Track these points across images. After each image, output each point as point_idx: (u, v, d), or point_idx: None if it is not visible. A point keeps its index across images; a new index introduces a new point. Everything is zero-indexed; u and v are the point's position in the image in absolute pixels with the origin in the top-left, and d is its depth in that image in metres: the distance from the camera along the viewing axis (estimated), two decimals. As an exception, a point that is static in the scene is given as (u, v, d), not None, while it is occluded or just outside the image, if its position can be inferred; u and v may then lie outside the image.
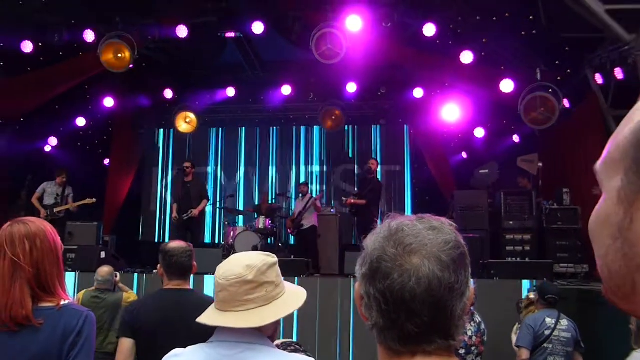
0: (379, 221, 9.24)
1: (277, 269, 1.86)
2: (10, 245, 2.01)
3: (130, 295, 6.12)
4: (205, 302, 2.10)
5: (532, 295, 5.62)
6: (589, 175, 7.96)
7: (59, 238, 2.17)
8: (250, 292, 1.76)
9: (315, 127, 12.35)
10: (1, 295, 1.97)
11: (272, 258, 1.87)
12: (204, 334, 1.81)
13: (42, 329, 1.95)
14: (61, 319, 1.98)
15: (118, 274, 6.26)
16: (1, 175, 10.37)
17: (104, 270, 5.88)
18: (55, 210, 9.15)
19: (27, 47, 8.86)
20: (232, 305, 1.76)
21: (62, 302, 2.02)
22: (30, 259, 2.00)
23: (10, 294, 1.95)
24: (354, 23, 8.66)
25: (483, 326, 5.11)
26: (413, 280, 0.91)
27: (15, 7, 8.20)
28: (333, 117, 11.46)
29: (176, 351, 1.82)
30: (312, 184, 12.06)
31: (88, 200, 9.35)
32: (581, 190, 8.04)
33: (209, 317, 1.79)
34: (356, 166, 12.28)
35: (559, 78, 8.72)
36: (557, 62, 8.82)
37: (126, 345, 2.96)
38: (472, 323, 5.03)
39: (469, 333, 4.97)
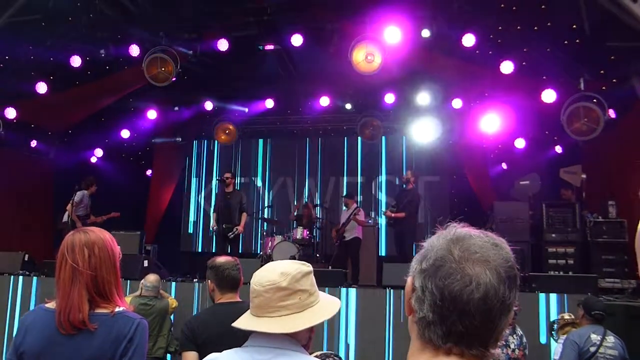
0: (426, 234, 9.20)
1: (312, 277, 1.88)
2: (70, 252, 2.13)
3: (172, 302, 6.27)
4: None
5: (567, 316, 5.46)
6: (636, 186, 7.72)
7: (117, 246, 2.26)
8: (284, 298, 1.79)
9: (353, 137, 12.38)
10: (61, 299, 2.07)
11: (307, 267, 1.90)
12: None
13: (96, 334, 2.03)
14: (114, 325, 2.06)
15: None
16: (49, 185, 10.76)
17: (152, 277, 6.08)
18: (88, 222, 9.44)
19: (76, 61, 9.19)
20: (266, 310, 1.79)
21: (117, 309, 2.10)
22: (88, 265, 2.10)
23: (69, 298, 2.05)
24: (392, 34, 8.68)
25: (525, 340, 5.00)
26: (474, 284, 0.98)
27: (64, 23, 8.53)
28: (371, 128, 11.47)
29: (212, 355, 1.88)
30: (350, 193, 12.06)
31: (113, 214, 9.74)
32: (628, 202, 7.80)
33: (244, 322, 1.83)
34: (394, 177, 12.24)
35: (603, 88, 8.50)
36: (601, 72, 8.61)
37: (191, 357, 3.09)
38: (515, 336, 4.94)
39: (512, 346, 4.87)
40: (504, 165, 11.10)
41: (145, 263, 8.15)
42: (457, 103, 10.71)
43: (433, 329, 1.01)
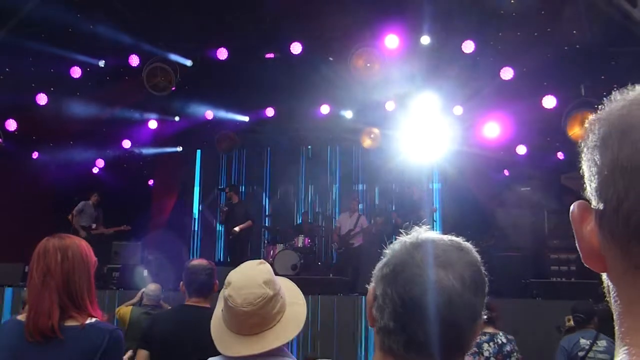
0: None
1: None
2: (43, 255, 2.08)
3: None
4: None
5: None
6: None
7: (92, 254, 2.22)
8: (274, 305, 1.77)
9: (354, 145, 12.34)
10: (30, 305, 2.02)
11: (266, 263, 1.87)
12: (214, 352, 1.82)
13: (65, 346, 1.97)
14: (85, 338, 1.99)
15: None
16: (50, 197, 10.76)
17: (153, 287, 6.08)
18: (92, 232, 9.42)
19: (76, 72, 9.22)
20: (265, 325, 1.74)
21: (88, 321, 2.04)
22: (60, 268, 2.05)
23: (38, 304, 1.99)
24: (391, 41, 8.69)
25: (510, 348, 4.81)
26: (435, 289, 0.92)
27: (64, 34, 8.56)
28: (372, 136, 11.44)
29: None
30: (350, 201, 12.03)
31: (124, 227, 9.70)
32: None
33: (243, 348, 1.74)
34: (395, 184, 12.20)
35: (604, 93, 8.42)
36: (602, 77, 8.58)
37: (141, 356, 3.00)
38: (492, 344, 4.79)
39: (486, 354, 4.72)
40: (506, 172, 11.04)
41: (145, 273, 8.13)
42: (457, 110, 10.68)
43: (394, 338, 0.96)
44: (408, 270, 0.95)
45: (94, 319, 2.06)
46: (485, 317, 1.00)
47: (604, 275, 0.66)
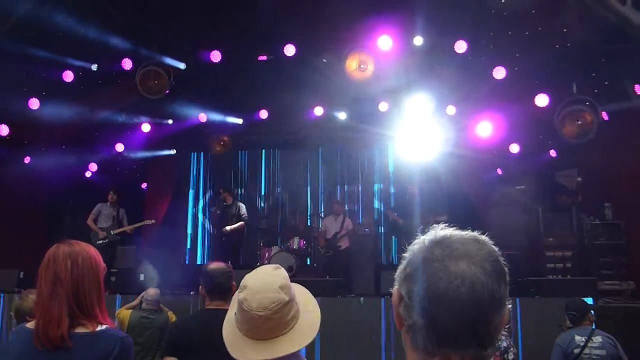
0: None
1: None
2: (53, 263, 2.07)
3: (172, 316, 6.25)
4: None
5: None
6: (631, 188, 7.73)
7: (102, 261, 2.21)
8: (289, 311, 1.77)
9: (349, 146, 12.37)
10: (39, 313, 2.00)
11: (282, 269, 1.86)
12: None
13: (76, 354, 1.95)
14: (96, 345, 1.98)
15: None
16: (44, 200, 10.69)
17: (152, 291, 6.08)
18: (112, 232, 9.27)
19: (68, 76, 9.17)
20: (279, 330, 1.73)
21: (99, 328, 2.03)
22: (70, 275, 2.04)
23: (48, 312, 1.98)
24: (384, 42, 8.73)
25: (505, 344, 4.86)
26: (459, 280, 0.94)
27: (55, 38, 8.51)
28: (365, 136, 11.46)
29: None
30: (346, 203, 12.06)
31: (147, 222, 9.54)
32: (624, 204, 7.82)
33: (257, 353, 1.72)
34: (390, 185, 12.22)
35: (596, 91, 8.55)
36: (593, 75, 8.65)
37: None
38: None
39: None
40: (499, 171, 11.10)
41: (142, 277, 8.10)
42: (450, 109, 10.73)
43: (425, 335, 0.97)
44: (430, 266, 0.97)
45: (104, 326, 2.05)
46: None
47: None
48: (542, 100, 8.83)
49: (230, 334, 1.82)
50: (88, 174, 11.76)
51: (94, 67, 9.31)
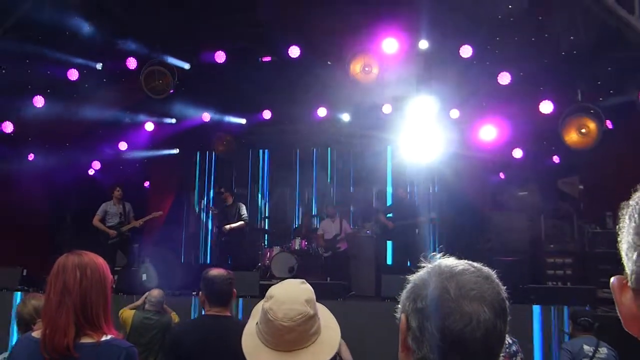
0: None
1: None
2: (62, 273, 2.10)
3: (175, 317, 6.27)
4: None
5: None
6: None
7: (110, 273, 2.23)
8: (312, 325, 1.79)
9: (352, 148, 12.37)
10: (46, 322, 2.02)
11: (307, 284, 1.89)
12: None
13: None
14: (101, 355, 2.00)
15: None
16: (47, 198, 10.71)
17: (155, 292, 6.08)
18: (122, 229, 9.21)
19: (73, 75, 9.19)
20: (301, 343, 1.75)
21: (103, 338, 2.05)
22: (79, 286, 2.06)
23: (55, 322, 2.00)
24: (389, 45, 8.72)
25: (515, 348, 4.87)
26: (474, 323, 0.98)
27: (61, 37, 8.53)
28: (368, 139, 11.47)
29: None
30: (347, 204, 12.08)
31: (155, 214, 9.49)
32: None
33: None
34: (393, 187, 12.22)
35: (601, 99, 8.53)
36: (599, 83, 8.63)
37: None
38: None
39: None
40: (502, 175, 11.09)
41: (144, 277, 8.12)
42: (454, 113, 10.71)
43: None
44: (445, 305, 1.00)
45: (109, 337, 2.07)
46: None
47: None
48: (546, 107, 8.81)
49: (251, 344, 1.83)
50: (91, 172, 11.79)
51: (99, 66, 9.33)
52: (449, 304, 1.00)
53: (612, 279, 0.79)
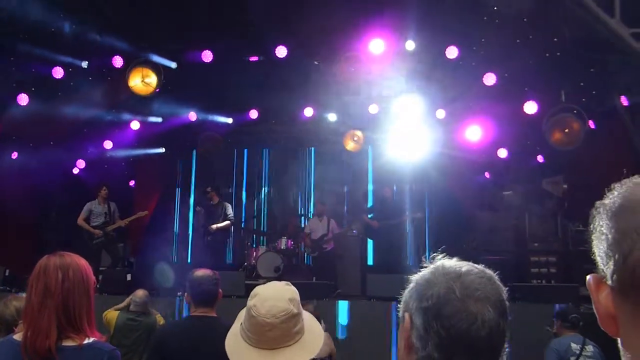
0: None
1: None
2: (43, 274, 2.07)
3: (160, 319, 6.24)
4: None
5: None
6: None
7: (92, 274, 2.21)
8: (296, 324, 1.80)
9: (338, 148, 12.36)
10: (28, 324, 2.00)
11: (292, 286, 1.91)
12: None
13: None
14: (83, 358, 1.99)
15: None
16: (31, 197, 10.60)
17: (140, 293, 6.05)
18: (107, 229, 9.12)
19: (58, 73, 9.10)
20: (284, 341, 1.76)
21: (86, 341, 2.02)
22: (61, 288, 2.04)
23: (36, 324, 1.98)
24: (376, 46, 8.77)
25: None
26: (479, 322, 1.02)
27: (46, 34, 8.44)
28: (355, 139, 11.49)
29: None
30: (332, 204, 12.09)
31: (140, 214, 9.44)
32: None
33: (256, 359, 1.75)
34: (379, 186, 12.26)
35: (584, 100, 8.65)
36: (582, 84, 8.75)
37: None
38: None
39: None
40: (487, 175, 11.19)
41: (129, 277, 8.08)
42: (440, 113, 10.79)
43: None
44: (451, 305, 1.04)
45: (91, 339, 2.05)
46: None
47: (619, 341, 0.77)
48: (531, 107, 8.91)
49: (234, 344, 1.84)
50: (76, 171, 11.68)
51: (85, 64, 9.24)
52: (455, 303, 1.03)
53: (588, 277, 0.81)
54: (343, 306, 7.54)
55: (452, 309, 1.03)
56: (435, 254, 1.15)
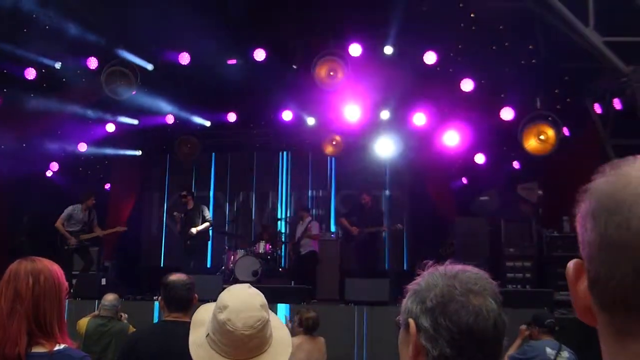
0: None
1: None
2: (14, 279, 2.01)
3: (130, 328, 6.12)
4: None
5: (523, 326, 5.42)
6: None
7: (65, 280, 2.15)
8: (269, 329, 1.80)
9: (316, 152, 12.36)
10: None
11: (253, 288, 1.89)
12: None
13: None
14: None
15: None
16: (3, 199, 10.38)
17: (110, 297, 5.92)
18: (82, 237, 8.94)
19: (31, 73, 8.94)
20: (261, 348, 1.75)
21: (57, 347, 1.97)
22: (31, 293, 1.98)
23: (6, 331, 1.93)
24: (355, 50, 8.81)
25: None
26: (484, 313, 1.05)
27: (18, 34, 8.28)
28: (334, 143, 11.49)
29: None
30: (312, 208, 12.08)
31: (118, 229, 9.30)
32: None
33: None
34: (356, 191, 12.27)
35: (558, 107, 8.80)
36: (556, 91, 8.90)
37: None
38: None
39: None
40: (465, 180, 11.27)
41: (104, 281, 7.95)
42: (418, 119, 10.84)
43: None
44: (455, 300, 1.06)
45: (62, 346, 2.00)
46: None
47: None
48: (507, 113, 9.03)
49: (205, 354, 1.79)
50: (49, 173, 11.45)
51: (58, 65, 9.09)
52: (458, 298, 1.05)
53: (569, 264, 0.76)
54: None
55: (457, 304, 1.05)
56: (427, 262, 1.17)
